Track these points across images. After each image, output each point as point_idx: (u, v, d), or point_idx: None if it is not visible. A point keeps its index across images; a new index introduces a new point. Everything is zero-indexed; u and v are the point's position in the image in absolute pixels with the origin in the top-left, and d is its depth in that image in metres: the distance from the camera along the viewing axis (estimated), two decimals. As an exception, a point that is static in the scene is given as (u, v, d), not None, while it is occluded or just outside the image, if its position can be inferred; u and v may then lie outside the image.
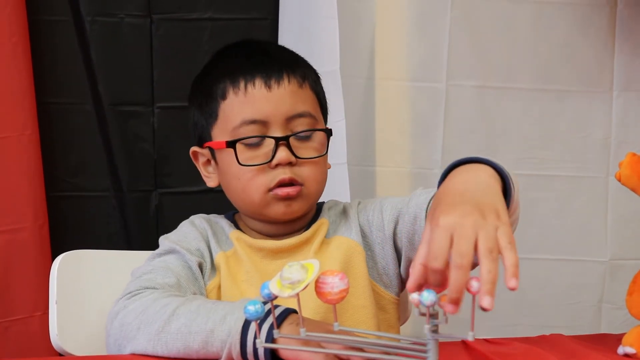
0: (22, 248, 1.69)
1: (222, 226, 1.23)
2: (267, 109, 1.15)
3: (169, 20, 1.83)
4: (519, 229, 1.92)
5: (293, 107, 1.16)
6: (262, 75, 1.16)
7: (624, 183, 1.10)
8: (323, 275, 0.83)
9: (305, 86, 1.19)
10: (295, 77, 1.18)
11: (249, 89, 1.16)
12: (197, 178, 1.88)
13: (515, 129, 1.84)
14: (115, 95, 1.82)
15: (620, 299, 1.12)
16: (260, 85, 1.16)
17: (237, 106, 1.17)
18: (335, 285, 0.82)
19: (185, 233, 1.21)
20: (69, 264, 1.27)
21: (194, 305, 1.01)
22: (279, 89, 1.16)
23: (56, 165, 1.80)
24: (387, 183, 1.81)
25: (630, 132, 1.83)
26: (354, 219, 1.24)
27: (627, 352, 1.04)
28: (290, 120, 1.16)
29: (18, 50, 1.68)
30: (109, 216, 1.84)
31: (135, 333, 1.01)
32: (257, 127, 1.15)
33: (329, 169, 1.25)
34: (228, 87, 1.18)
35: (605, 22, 1.82)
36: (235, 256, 1.20)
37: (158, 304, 1.03)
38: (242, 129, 1.16)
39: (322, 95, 1.24)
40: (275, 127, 1.15)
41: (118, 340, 1.04)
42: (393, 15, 1.79)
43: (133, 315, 1.03)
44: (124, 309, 1.05)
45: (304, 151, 1.16)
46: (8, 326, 1.69)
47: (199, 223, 1.23)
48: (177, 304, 1.01)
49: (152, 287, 1.09)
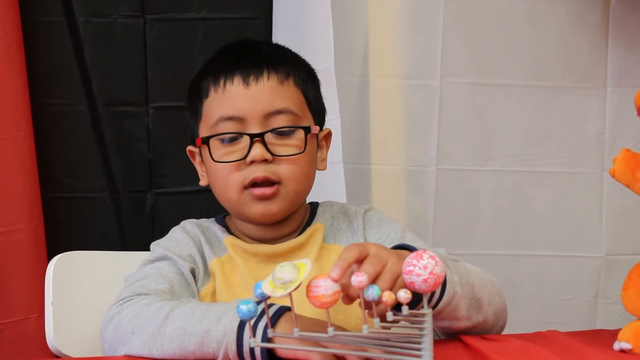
0: (17, 249, 1.69)
1: (214, 231, 1.23)
2: (243, 106, 1.15)
3: (163, 20, 1.83)
4: (513, 226, 1.93)
5: (271, 103, 1.16)
6: (241, 72, 1.16)
7: (618, 179, 1.10)
8: (315, 279, 0.83)
9: (288, 83, 1.18)
10: (277, 73, 1.17)
11: (227, 86, 1.16)
12: (192, 178, 1.88)
13: (510, 125, 1.84)
14: (110, 96, 1.82)
15: (616, 295, 1.12)
16: (239, 82, 1.16)
17: (217, 103, 1.17)
18: (328, 288, 0.82)
19: (177, 239, 1.21)
20: (64, 265, 1.27)
21: (188, 307, 1.01)
22: (257, 85, 1.16)
23: (51, 166, 1.80)
24: (383, 181, 1.81)
25: (624, 128, 1.83)
26: (359, 229, 1.24)
27: (622, 347, 1.04)
28: (269, 117, 1.15)
29: (12, 51, 1.68)
30: (104, 217, 1.84)
31: (130, 337, 1.01)
32: (234, 123, 1.15)
33: (324, 170, 1.25)
34: (210, 86, 1.18)
35: (598, 19, 1.82)
36: (230, 262, 1.20)
37: (152, 307, 1.03)
38: (220, 125, 1.16)
39: (313, 94, 1.23)
40: (252, 123, 1.15)
41: (113, 345, 1.04)
42: (387, 13, 1.79)
43: (127, 319, 1.03)
44: (117, 314, 1.05)
45: (282, 148, 1.16)
46: (3, 329, 1.68)
47: (191, 229, 1.23)
48: (172, 307, 1.01)
49: (146, 293, 1.09)
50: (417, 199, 1.82)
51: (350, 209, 1.27)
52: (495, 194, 1.84)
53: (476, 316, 1.07)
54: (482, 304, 1.07)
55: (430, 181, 1.82)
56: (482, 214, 1.85)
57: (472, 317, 1.06)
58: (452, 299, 1.01)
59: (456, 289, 1.01)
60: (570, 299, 1.86)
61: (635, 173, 1.08)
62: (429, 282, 0.83)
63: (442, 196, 1.82)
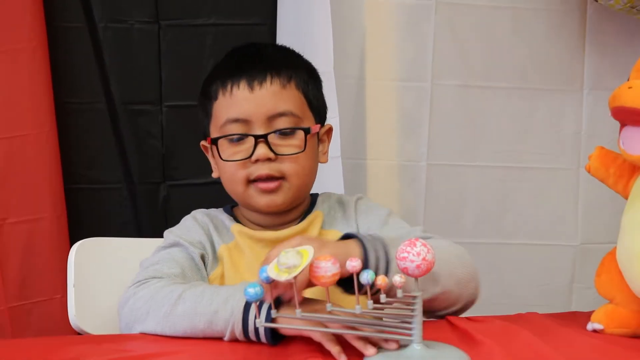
0: (43, 236, 1.69)
1: (222, 220, 1.25)
2: (249, 109, 1.16)
3: (176, 26, 1.83)
4: (497, 216, 1.94)
5: (274, 106, 1.17)
6: (247, 77, 1.17)
7: (593, 174, 1.10)
8: (317, 260, 0.84)
9: (290, 87, 1.19)
10: (279, 78, 1.18)
11: (234, 91, 1.17)
12: (202, 171, 1.89)
13: (495, 124, 1.84)
14: (126, 95, 1.82)
15: (590, 280, 1.13)
16: (244, 87, 1.17)
17: (224, 106, 1.18)
18: (328, 269, 0.84)
19: (188, 227, 1.23)
20: (85, 250, 1.27)
21: (198, 289, 1.02)
22: (260, 90, 1.16)
23: (72, 159, 1.80)
24: (377, 175, 1.82)
25: (599, 127, 1.83)
26: (352, 216, 1.25)
27: (595, 328, 1.05)
28: (272, 119, 1.17)
29: (37, 54, 1.68)
30: (121, 206, 1.84)
31: (145, 317, 1.03)
32: (240, 125, 1.17)
33: (325, 163, 1.26)
34: (218, 89, 1.19)
35: (576, 27, 1.82)
36: (237, 248, 1.21)
37: (165, 290, 1.04)
38: (227, 126, 1.17)
39: (314, 94, 1.23)
40: (257, 125, 1.16)
41: (129, 324, 1.05)
42: (382, 21, 1.79)
43: (142, 301, 1.04)
44: (133, 295, 1.06)
45: (284, 148, 1.17)
46: (31, 308, 1.69)
47: (201, 218, 1.24)
48: (183, 289, 1.03)
49: (159, 276, 1.10)
50: (409, 192, 1.83)
51: (345, 199, 1.29)
52: (481, 187, 1.84)
53: (433, 288, 1.03)
54: (438, 277, 1.03)
55: (422, 175, 1.82)
56: (468, 205, 1.85)
57: (428, 289, 1.02)
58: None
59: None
60: (549, 283, 1.87)
61: (609, 169, 1.08)
62: (421, 268, 0.85)
63: (432, 189, 1.83)
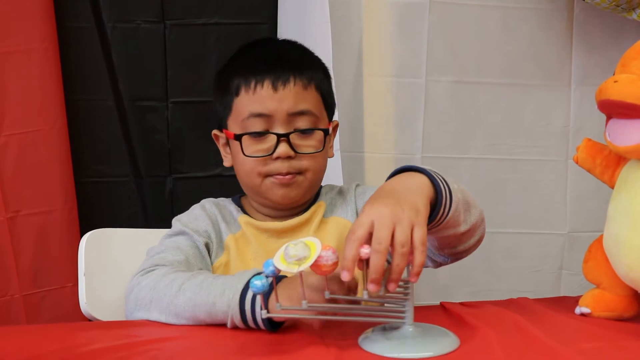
0: (54, 228, 1.69)
1: (230, 210, 1.25)
2: (272, 106, 1.16)
3: (181, 26, 1.83)
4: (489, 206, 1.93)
5: (296, 105, 1.16)
6: (271, 77, 1.16)
7: (580, 165, 1.10)
8: None
9: (311, 87, 1.19)
10: (302, 79, 1.17)
11: (257, 89, 1.16)
12: (206, 164, 1.90)
13: (486, 118, 1.84)
14: (134, 92, 1.82)
15: (578, 267, 1.13)
16: (268, 86, 1.16)
17: (247, 102, 1.17)
18: (329, 258, 0.83)
19: (196, 216, 1.23)
20: (95, 240, 1.27)
21: (197, 280, 1.02)
22: (284, 90, 1.16)
23: (82, 154, 1.80)
24: (374, 167, 1.81)
25: (586, 121, 1.83)
26: (351, 201, 1.25)
27: (583, 311, 1.05)
28: (293, 117, 1.16)
29: (49, 53, 1.68)
30: (129, 199, 1.84)
31: (149, 306, 1.04)
32: (263, 120, 1.16)
33: (331, 157, 1.26)
34: (241, 85, 1.18)
35: (564, 25, 1.82)
36: (243, 238, 1.21)
37: (167, 279, 1.04)
38: (249, 120, 1.16)
39: (328, 93, 1.23)
40: (278, 122, 1.16)
41: (134, 312, 1.06)
42: (378, 20, 1.79)
43: (145, 291, 1.05)
44: (137, 285, 1.07)
45: (304, 147, 1.17)
46: (44, 295, 1.70)
47: (209, 207, 1.24)
48: (183, 280, 1.03)
49: (163, 264, 1.10)
50: (405, 183, 1.82)
51: (344, 188, 1.30)
52: (474, 178, 1.84)
53: (470, 218, 1.03)
54: (470, 206, 1.04)
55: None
56: (461, 196, 1.85)
57: (467, 220, 1.03)
58: (457, 205, 0.99)
59: (458, 195, 1.00)
60: (539, 270, 1.87)
61: (595, 159, 1.08)
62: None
63: (427, 181, 1.82)
